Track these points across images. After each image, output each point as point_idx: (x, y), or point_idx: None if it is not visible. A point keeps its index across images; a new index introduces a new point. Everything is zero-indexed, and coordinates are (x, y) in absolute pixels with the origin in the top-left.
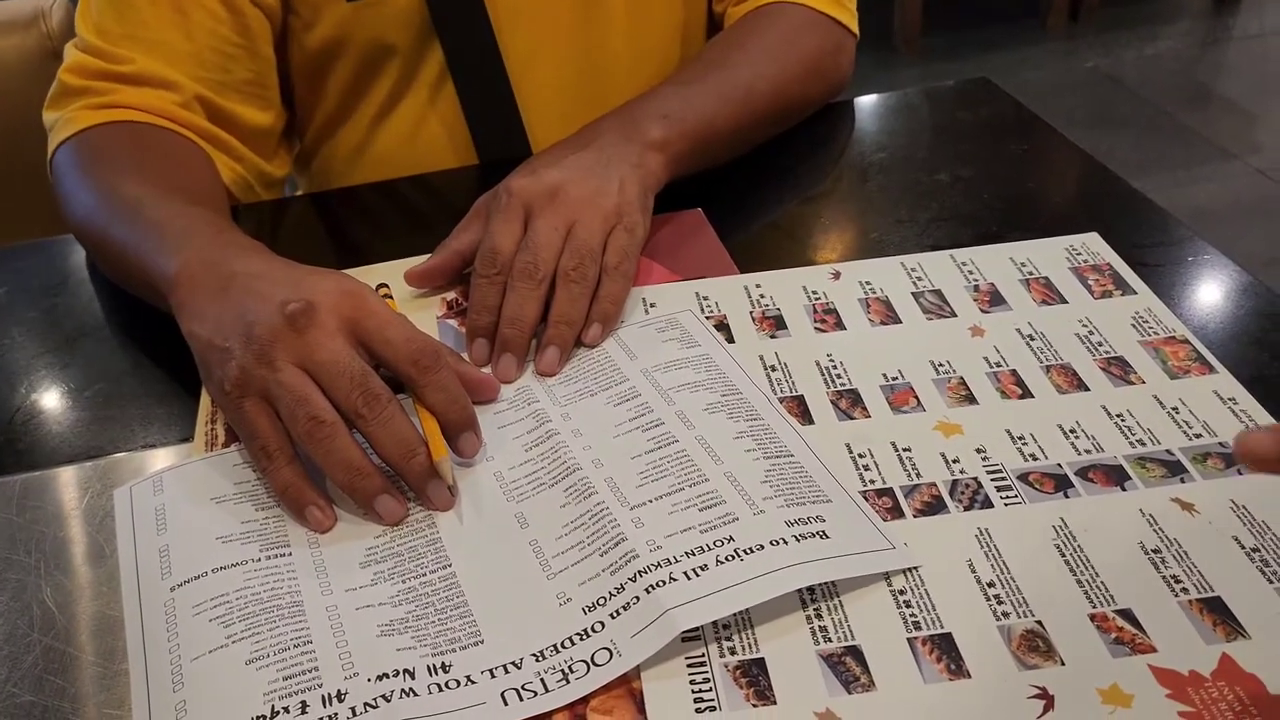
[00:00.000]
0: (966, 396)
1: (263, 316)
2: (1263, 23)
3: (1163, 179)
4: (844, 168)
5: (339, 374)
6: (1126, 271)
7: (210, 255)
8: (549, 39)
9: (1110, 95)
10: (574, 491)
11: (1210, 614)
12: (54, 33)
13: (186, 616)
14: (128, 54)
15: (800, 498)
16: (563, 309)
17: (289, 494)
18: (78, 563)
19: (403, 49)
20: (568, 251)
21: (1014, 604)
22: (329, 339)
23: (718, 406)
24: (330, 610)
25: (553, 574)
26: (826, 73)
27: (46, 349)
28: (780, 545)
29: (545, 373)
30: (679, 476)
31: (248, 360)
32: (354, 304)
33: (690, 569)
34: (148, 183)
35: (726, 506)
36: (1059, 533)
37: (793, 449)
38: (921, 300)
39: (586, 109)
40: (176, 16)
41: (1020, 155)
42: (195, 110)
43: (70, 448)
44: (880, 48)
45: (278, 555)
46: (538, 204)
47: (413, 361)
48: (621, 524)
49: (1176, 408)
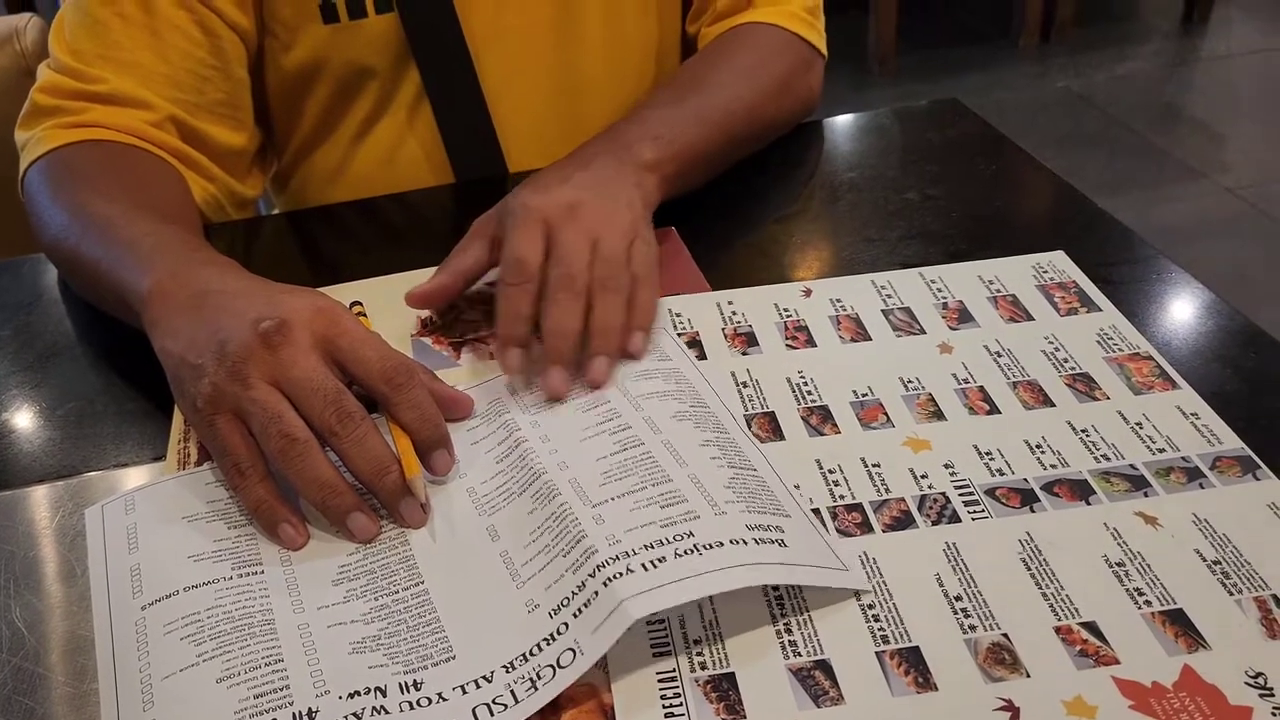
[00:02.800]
0: (935, 413)
1: (236, 334)
2: (1230, 44)
3: (1133, 197)
4: (815, 187)
5: (312, 391)
6: (1091, 289)
7: (183, 272)
8: (525, 60)
9: (1081, 115)
10: (540, 496)
11: (1172, 626)
12: (28, 51)
13: (158, 635)
14: (101, 74)
15: (761, 507)
16: (606, 318)
17: (261, 511)
18: (48, 582)
19: (380, 71)
20: (599, 262)
21: (980, 617)
22: (302, 356)
23: (685, 415)
24: (302, 628)
25: (522, 582)
26: (799, 93)
27: (18, 368)
28: (739, 545)
29: (597, 383)
30: (642, 476)
31: (220, 377)
32: (327, 321)
33: (648, 560)
34: (118, 201)
35: (688, 505)
36: (1025, 547)
37: (755, 464)
38: (891, 317)
39: (562, 129)
40: (150, 38)
41: (989, 175)
42: (168, 130)
43: (42, 467)
44: (855, 68)
45: (250, 573)
46: (558, 219)
47: (386, 379)
48: (583, 522)
49: (1140, 423)
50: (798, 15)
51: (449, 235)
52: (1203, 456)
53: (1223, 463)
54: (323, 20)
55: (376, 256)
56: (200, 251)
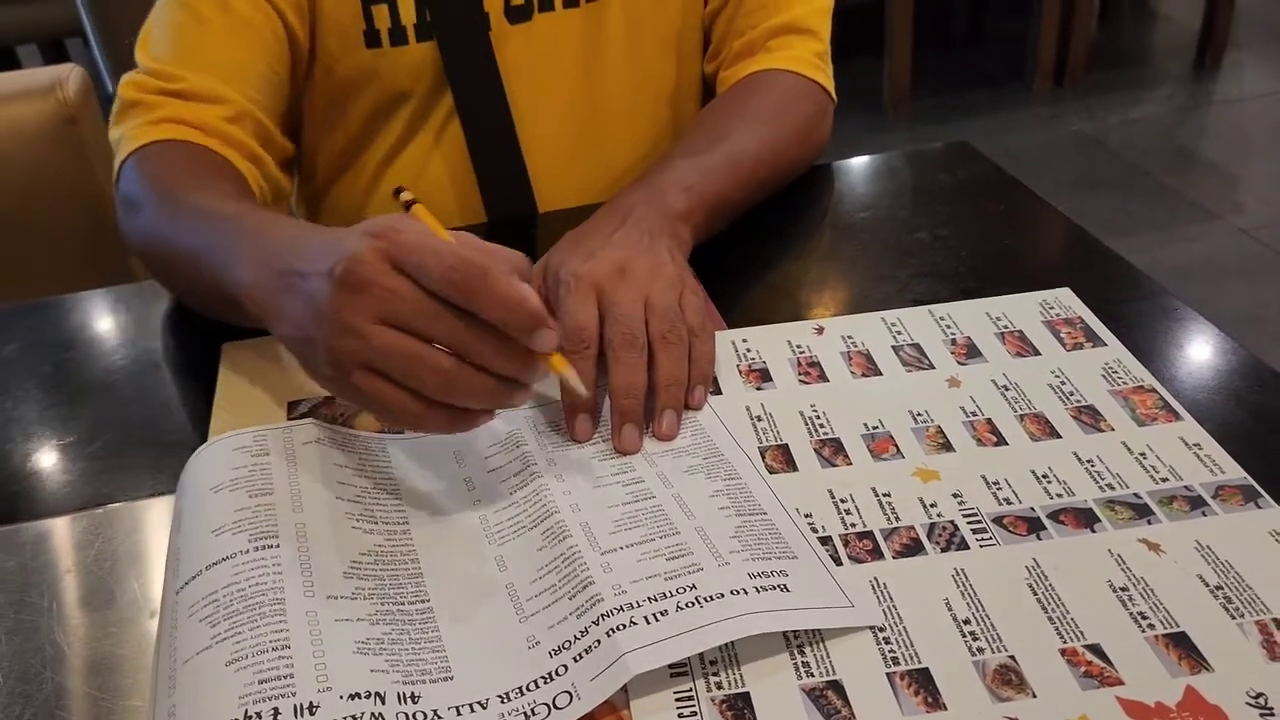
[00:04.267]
0: (944, 444)
1: (319, 291)
2: (1242, 88)
3: (1147, 238)
4: (829, 227)
5: (421, 315)
6: (1097, 324)
7: (269, 260)
8: (552, 93)
9: (1095, 157)
10: (551, 534)
11: (1175, 648)
12: (70, 100)
13: (184, 618)
14: (180, 72)
15: (767, 553)
16: (669, 372)
17: (454, 423)
18: (88, 605)
19: (415, 96)
20: (656, 318)
21: (988, 640)
22: (390, 284)
23: (698, 469)
24: (310, 615)
25: (525, 617)
26: (815, 139)
27: (57, 401)
28: (740, 595)
29: (667, 437)
30: (651, 528)
31: (331, 339)
32: (388, 243)
33: (651, 613)
34: (206, 191)
35: (693, 557)
36: (1031, 572)
37: (766, 507)
38: (901, 353)
39: (587, 160)
40: (228, 39)
41: (997, 215)
42: (244, 126)
43: (81, 496)
44: (869, 111)
45: (265, 547)
46: (608, 282)
47: (455, 285)
48: (591, 567)
49: (1144, 453)
50: (811, 62)
51: None
52: (1205, 485)
53: (1225, 491)
54: (365, 45)
55: None
56: (276, 228)
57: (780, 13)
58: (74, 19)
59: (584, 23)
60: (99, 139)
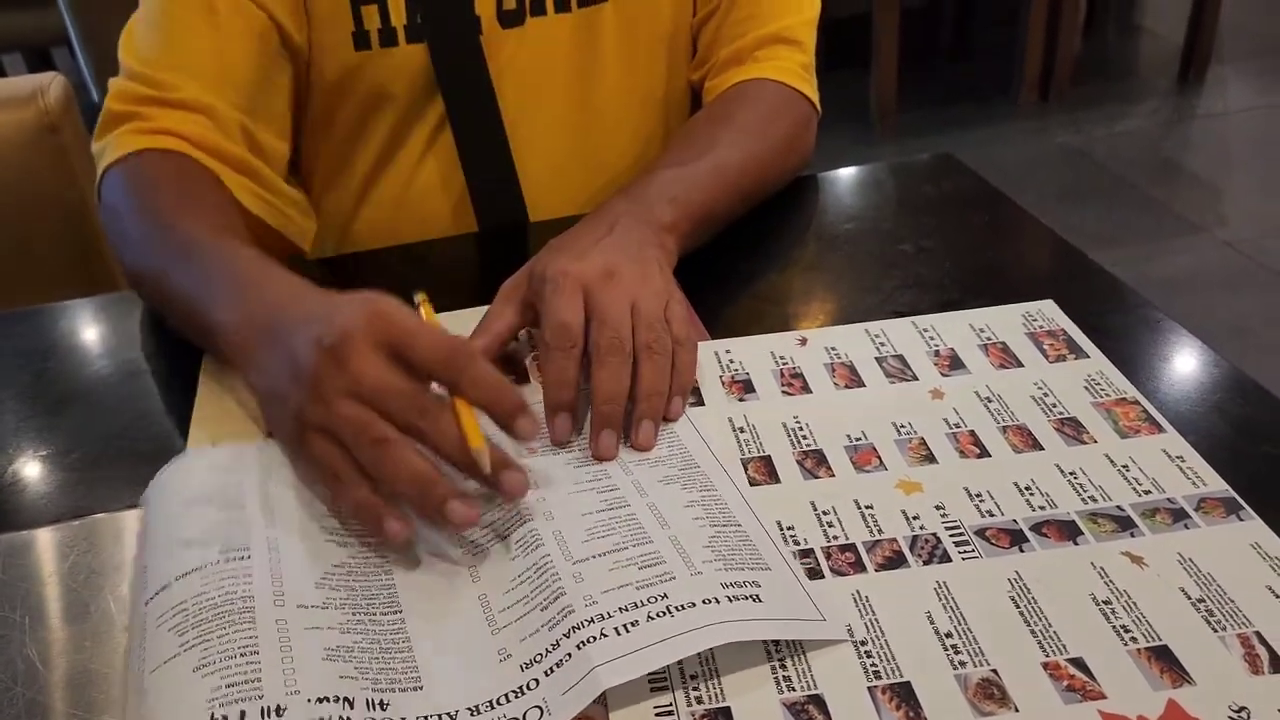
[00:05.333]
0: (927, 456)
1: (304, 357)
2: (1226, 102)
3: (1132, 251)
4: (813, 238)
5: (389, 395)
6: (1080, 336)
7: (256, 310)
8: (546, 95)
9: (1081, 170)
10: (523, 544)
11: (1158, 662)
12: (52, 108)
13: (153, 629)
14: (172, 80)
15: (740, 564)
16: (651, 382)
17: (363, 510)
18: (62, 619)
19: (405, 98)
20: (643, 326)
21: (970, 653)
22: (370, 364)
23: (673, 479)
24: (280, 623)
25: (497, 629)
26: (800, 149)
27: (35, 412)
28: (712, 604)
29: (644, 447)
30: (624, 535)
31: (303, 400)
32: (383, 323)
33: (621, 624)
34: (191, 217)
35: (665, 566)
36: (1014, 585)
37: (741, 519)
38: (884, 365)
39: (580, 162)
40: (215, 43)
41: (981, 226)
42: (235, 138)
43: (58, 507)
44: (856, 124)
45: (235, 558)
46: (596, 284)
47: (445, 363)
48: (563, 578)
49: (1127, 465)
50: (798, 73)
51: (474, 284)
52: (1188, 498)
53: (1207, 504)
54: (354, 46)
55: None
56: (267, 279)
57: (768, 23)
58: (60, 28)
59: (576, 28)
60: (81, 147)
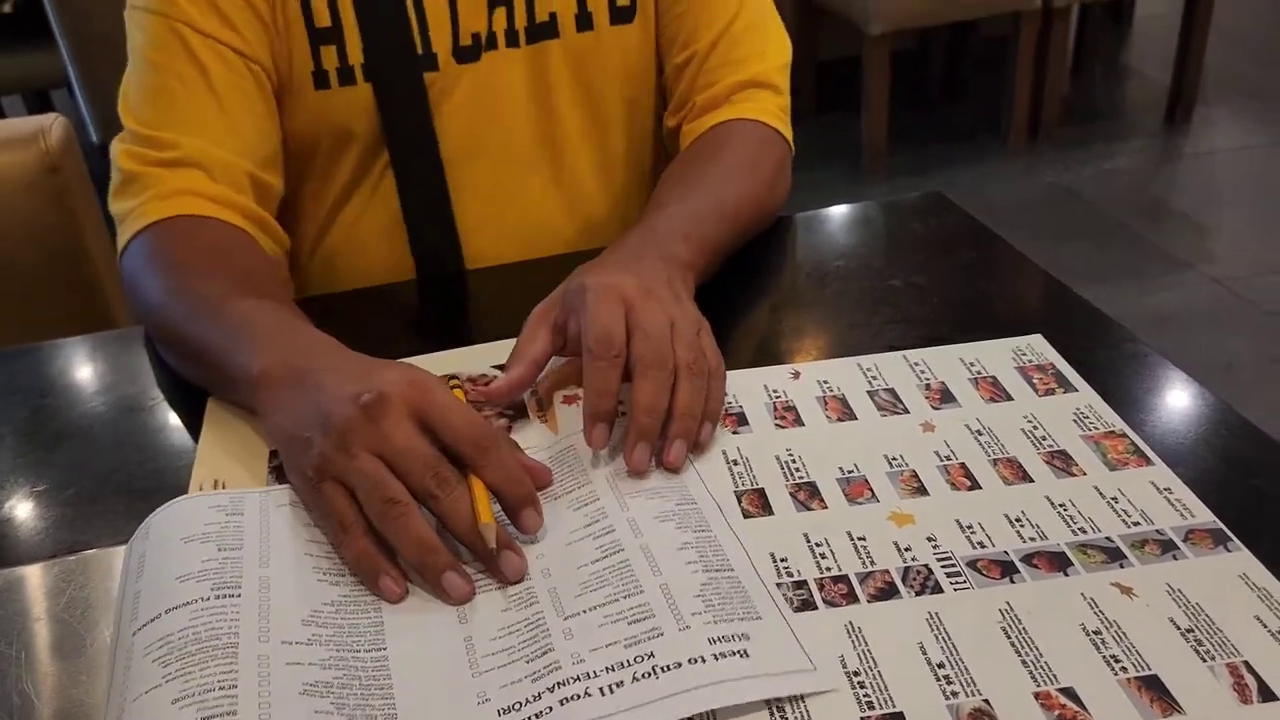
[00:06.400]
0: (918, 488)
1: (338, 408)
2: (1212, 142)
3: (1122, 288)
4: (805, 274)
5: (412, 459)
6: (1069, 370)
7: (289, 357)
8: (497, 130)
9: (1070, 209)
10: (517, 598)
11: (1148, 691)
12: (53, 149)
13: (138, 658)
14: (172, 138)
15: (730, 614)
16: (688, 402)
17: (363, 563)
18: (57, 653)
19: (360, 139)
20: (683, 346)
21: (963, 684)
22: (400, 426)
23: (669, 515)
24: (261, 659)
25: (479, 673)
26: (782, 186)
27: (32, 448)
28: (698, 663)
29: (674, 466)
30: (617, 587)
31: (327, 448)
32: (420, 393)
33: (607, 685)
34: (218, 278)
35: (654, 621)
36: (1005, 616)
37: (734, 562)
38: (876, 398)
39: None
40: (210, 97)
41: (970, 263)
42: (243, 188)
43: (55, 542)
44: (848, 164)
45: (226, 596)
46: (637, 300)
47: (473, 443)
48: (553, 634)
49: (1116, 497)
50: (775, 113)
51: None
52: (1176, 529)
53: (1195, 535)
54: (314, 86)
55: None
56: (300, 332)
57: (743, 69)
58: (58, 70)
59: (528, 65)
60: (81, 188)
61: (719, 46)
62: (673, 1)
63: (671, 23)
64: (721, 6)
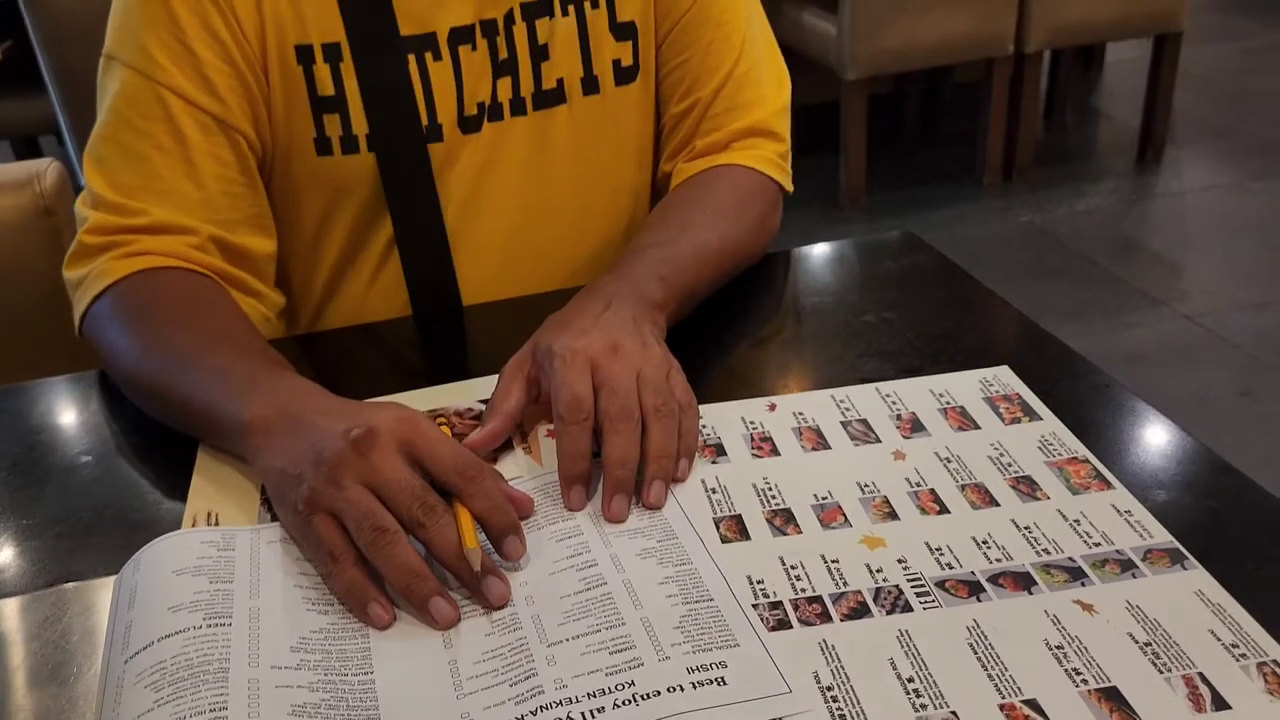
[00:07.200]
0: (889, 513)
1: (329, 443)
2: (1182, 182)
3: (1095, 325)
4: (782, 310)
5: (400, 489)
6: (1034, 400)
7: (279, 400)
8: (494, 193)
9: (1044, 248)
10: (500, 624)
11: (1107, 702)
12: (47, 193)
13: (129, 685)
14: (143, 206)
15: (709, 644)
16: (661, 444)
17: (353, 592)
18: (46, 684)
19: (368, 199)
20: (650, 392)
21: (931, 697)
22: (389, 459)
23: (650, 553)
24: (251, 682)
25: (463, 695)
26: (769, 229)
27: (29, 482)
28: (676, 692)
29: (655, 505)
30: (599, 618)
31: (318, 481)
32: (409, 428)
33: (589, 710)
34: (191, 330)
35: (635, 651)
36: (972, 632)
37: (714, 593)
38: (849, 428)
39: (519, 261)
40: (186, 166)
41: (940, 299)
42: (211, 252)
43: (49, 572)
44: (827, 205)
45: (217, 624)
46: (603, 358)
47: (459, 473)
48: (536, 660)
49: (1078, 520)
50: (774, 162)
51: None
52: (1135, 549)
53: (1153, 555)
54: (316, 152)
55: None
56: (285, 378)
57: (746, 115)
58: (45, 117)
59: (530, 129)
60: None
61: (723, 92)
62: (675, 51)
63: (673, 71)
64: (724, 53)
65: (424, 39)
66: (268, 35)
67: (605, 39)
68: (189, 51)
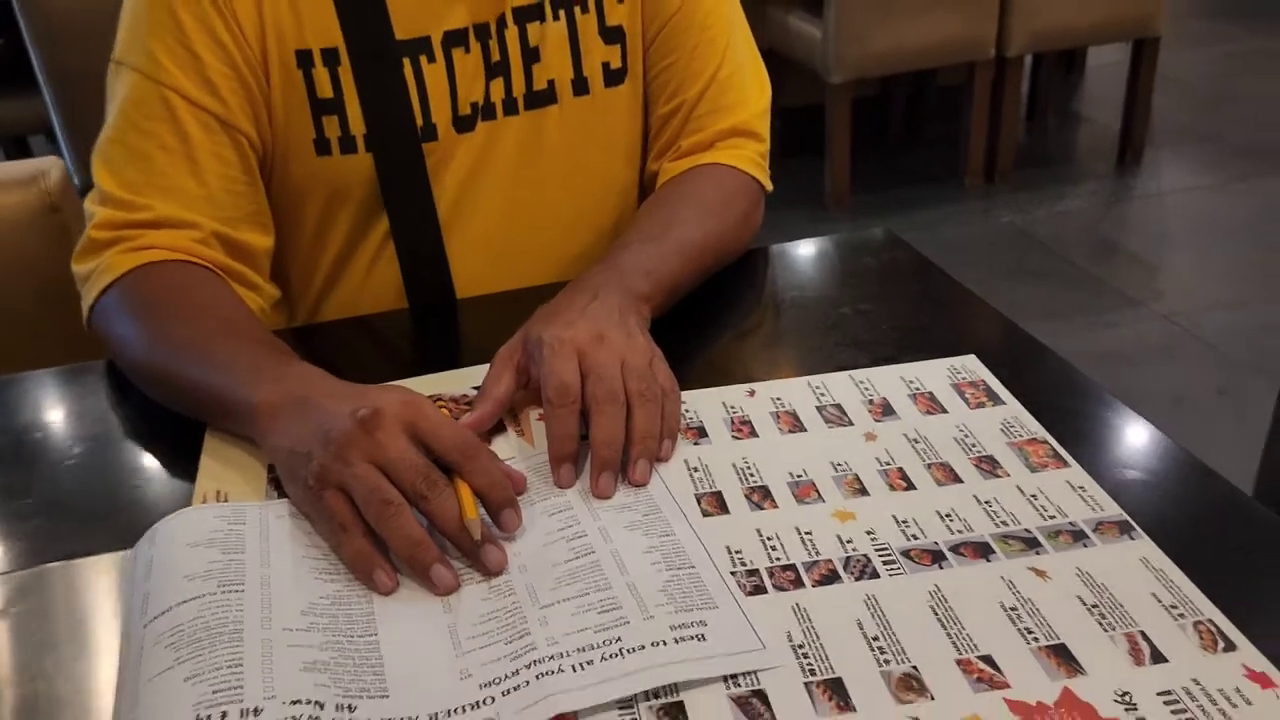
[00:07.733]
0: (860, 490)
1: (337, 423)
2: (1160, 184)
3: (1075, 324)
4: (765, 303)
5: (405, 466)
6: (998, 386)
7: (287, 385)
8: (485, 190)
9: (1025, 248)
10: (497, 589)
11: (1055, 656)
12: (52, 190)
13: (150, 645)
14: (148, 201)
15: (690, 605)
16: (645, 425)
17: (360, 560)
18: (72, 647)
19: (366, 198)
20: (634, 378)
21: (894, 653)
22: (394, 437)
23: (636, 525)
24: (265, 642)
25: (462, 653)
26: (751, 227)
27: (43, 465)
28: (660, 646)
29: (640, 482)
30: (588, 583)
31: (327, 459)
32: (412, 410)
33: (579, 662)
34: (198, 321)
35: (621, 611)
36: (933, 596)
37: (695, 561)
38: (824, 412)
39: (511, 253)
40: (189, 164)
41: (915, 293)
42: (214, 246)
43: (67, 548)
44: (812, 206)
45: (231, 591)
46: (589, 347)
47: (460, 451)
48: (529, 620)
49: (1035, 495)
50: (755, 161)
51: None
52: (1087, 521)
53: (1104, 526)
54: (315, 153)
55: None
56: (292, 364)
57: (729, 116)
58: (39, 116)
59: (522, 128)
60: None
61: (707, 94)
62: (661, 55)
63: (660, 74)
64: (708, 56)
65: (419, 42)
66: (268, 39)
67: (595, 42)
68: (192, 55)
